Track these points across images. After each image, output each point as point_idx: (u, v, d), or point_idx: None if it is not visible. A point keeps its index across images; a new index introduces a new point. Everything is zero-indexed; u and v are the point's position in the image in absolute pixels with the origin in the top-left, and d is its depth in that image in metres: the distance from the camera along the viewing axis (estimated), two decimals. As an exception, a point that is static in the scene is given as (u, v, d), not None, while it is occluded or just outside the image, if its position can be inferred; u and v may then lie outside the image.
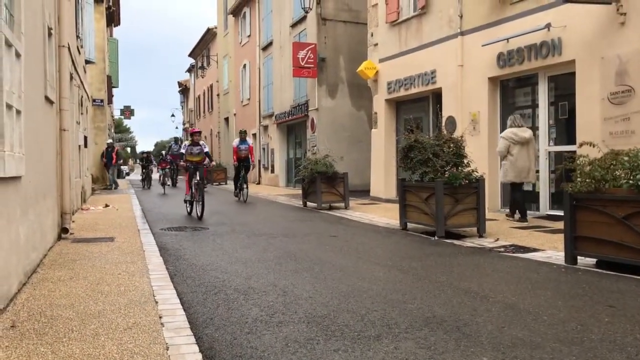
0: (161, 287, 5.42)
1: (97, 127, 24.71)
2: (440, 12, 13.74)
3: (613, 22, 9.43)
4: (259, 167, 29.09)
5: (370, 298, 5.13)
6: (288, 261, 7.05)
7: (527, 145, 10.35)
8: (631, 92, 9.13)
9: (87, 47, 16.59)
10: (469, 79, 12.83)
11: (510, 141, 10.33)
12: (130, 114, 46.79)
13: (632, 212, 6.00)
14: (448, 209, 8.93)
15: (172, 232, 9.84)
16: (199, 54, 45.99)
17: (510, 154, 10.34)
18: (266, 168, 28.25)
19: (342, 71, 21.57)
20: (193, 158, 13.09)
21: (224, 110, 37.29)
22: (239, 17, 32.69)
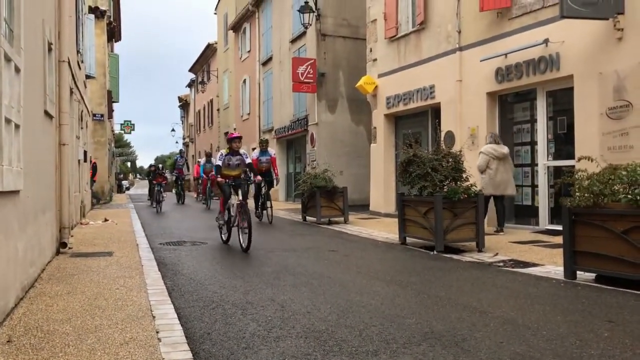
0: (159, 301, 5.40)
1: (97, 142, 24.77)
2: (439, 27, 13.82)
3: (610, 38, 9.48)
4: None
5: (368, 313, 5.11)
6: (286, 276, 7.03)
7: (504, 160, 10.90)
8: (629, 107, 9.16)
9: (87, 62, 16.66)
10: (467, 94, 12.88)
11: (490, 156, 10.92)
12: (130, 128, 46.85)
13: (631, 227, 5.99)
14: (447, 223, 8.92)
15: (170, 247, 9.82)
16: (199, 69, 46.19)
17: (490, 168, 10.93)
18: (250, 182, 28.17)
19: (342, 86, 21.65)
20: (231, 172, 10.41)
21: (224, 124, 37.38)
22: (239, 33, 32.87)
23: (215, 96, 40.15)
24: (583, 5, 9.14)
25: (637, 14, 9.03)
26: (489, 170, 10.89)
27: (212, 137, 41.27)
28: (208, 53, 42.16)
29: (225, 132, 36.66)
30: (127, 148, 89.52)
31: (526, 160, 11.95)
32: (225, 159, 10.34)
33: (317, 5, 21.09)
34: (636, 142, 9.01)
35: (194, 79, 49.27)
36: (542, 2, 10.90)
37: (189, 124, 55.49)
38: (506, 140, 12.33)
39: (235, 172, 10.41)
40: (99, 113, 24.41)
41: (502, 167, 10.88)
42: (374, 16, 16.78)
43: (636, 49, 9.05)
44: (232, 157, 10.42)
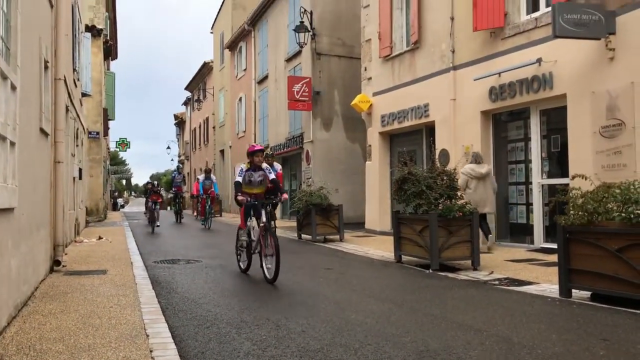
0: (153, 320, 5.37)
1: (93, 160, 24.74)
2: (433, 47, 13.93)
3: (603, 58, 9.57)
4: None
5: (363, 332, 5.10)
6: (282, 294, 7.01)
7: (484, 179, 11.13)
8: (622, 125, 9.23)
9: (83, 80, 16.71)
10: (461, 112, 12.95)
11: (468, 176, 11.20)
12: (126, 146, 46.81)
13: (625, 245, 6.00)
14: (442, 241, 8.92)
15: (165, 265, 9.78)
16: (195, 87, 46.34)
17: (469, 187, 11.17)
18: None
19: (337, 104, 21.74)
20: (253, 189, 9.01)
21: (219, 142, 37.43)
22: (235, 52, 33.05)
23: (211, 114, 40.24)
24: (575, 25, 9.24)
25: (628, 34, 9.13)
26: (468, 189, 11.15)
27: (207, 155, 41.30)
28: (204, 71, 42.33)
29: (222, 150, 36.73)
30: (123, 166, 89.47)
31: (520, 178, 12.00)
32: (246, 175, 8.98)
33: (313, 24, 21.25)
34: (630, 160, 9.06)
35: (190, 97, 49.40)
36: (534, 22, 11.01)
37: (184, 142, 55.53)
38: (500, 158, 12.41)
39: (257, 189, 9.12)
40: (95, 131, 24.41)
41: (481, 186, 11.13)
42: (369, 35, 16.90)
43: (627, 68, 9.14)
44: (253, 172, 9.06)
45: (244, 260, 9.02)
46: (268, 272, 7.93)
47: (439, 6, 13.66)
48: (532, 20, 11.12)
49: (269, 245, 7.97)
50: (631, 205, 6.09)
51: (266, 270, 8.01)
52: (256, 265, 8.44)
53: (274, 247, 7.72)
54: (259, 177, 9.06)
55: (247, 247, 8.83)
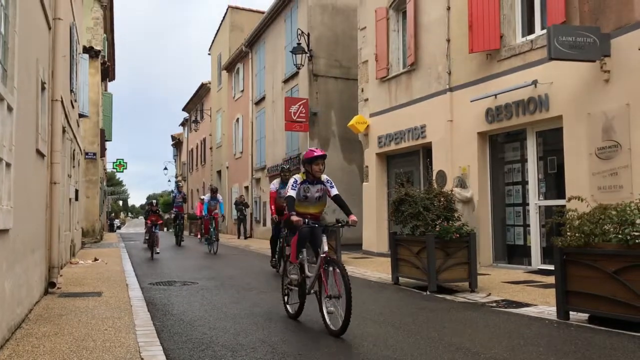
0: (148, 343, 5.32)
1: (89, 180, 24.69)
2: (429, 68, 14.01)
3: (598, 79, 9.64)
4: (251, 219, 28.98)
5: (360, 355, 5.05)
6: (278, 317, 6.95)
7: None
8: (618, 147, 9.26)
9: (81, 101, 16.75)
10: (458, 133, 12.99)
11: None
12: (122, 167, 46.83)
13: (622, 267, 5.99)
14: (439, 263, 8.89)
15: (160, 287, 9.71)
16: (192, 108, 46.48)
17: None
18: (258, 221, 28.18)
19: (334, 125, 21.81)
20: (308, 208, 7.17)
21: (216, 163, 37.45)
22: (233, 73, 33.21)
23: (208, 135, 40.32)
24: (570, 47, 9.31)
25: (623, 56, 9.20)
26: None
27: (204, 176, 41.30)
28: (202, 92, 42.50)
29: (219, 171, 36.74)
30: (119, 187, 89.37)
31: (517, 199, 12.00)
32: (302, 189, 7.05)
33: (310, 46, 21.39)
34: (626, 182, 9.07)
35: (187, 118, 49.52)
36: (530, 44, 11.09)
37: (181, 163, 55.55)
38: (497, 179, 12.43)
39: (314, 208, 7.22)
40: (92, 152, 24.41)
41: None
42: (365, 57, 17.01)
43: (622, 90, 9.19)
44: (310, 186, 7.14)
45: (294, 302, 7.01)
46: (331, 319, 6.07)
47: (435, 28, 13.78)
48: (527, 43, 11.21)
49: (334, 283, 6.10)
50: (628, 226, 6.10)
51: (328, 316, 6.14)
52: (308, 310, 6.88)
53: (343, 286, 5.85)
54: (318, 193, 7.18)
55: (300, 285, 6.85)
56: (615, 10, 9.40)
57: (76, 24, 14.31)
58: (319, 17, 22.05)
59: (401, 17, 15.80)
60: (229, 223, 32.70)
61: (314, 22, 21.91)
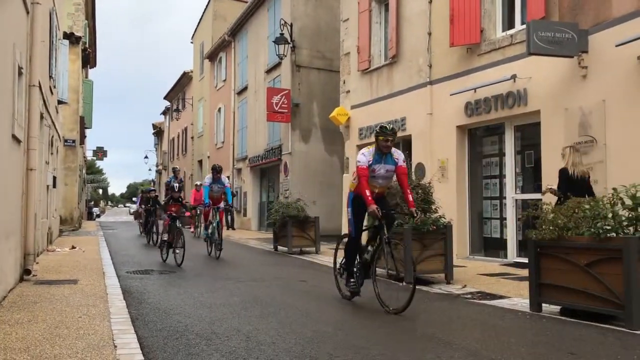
0: (121, 331, 5.31)
1: (68, 168, 24.45)
2: (410, 61, 14.06)
3: (576, 75, 9.74)
4: (231, 210, 28.91)
5: (334, 344, 5.09)
6: (254, 306, 6.97)
7: None
8: (594, 142, 9.38)
9: (60, 88, 16.54)
10: (437, 126, 13.07)
11: None
12: (102, 155, 46.47)
13: (594, 260, 6.08)
14: (416, 254, 8.95)
15: (137, 275, 9.68)
16: (174, 97, 46.18)
17: None
18: (239, 211, 28.14)
19: (316, 117, 21.81)
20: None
21: (197, 152, 37.28)
22: (215, 62, 33.03)
23: (189, 124, 40.10)
24: (549, 43, 9.39)
25: (600, 53, 9.31)
26: None
27: (185, 165, 41.09)
28: (183, 81, 42.23)
29: (200, 160, 36.53)
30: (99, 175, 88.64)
31: (495, 193, 12.11)
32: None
33: (293, 37, 21.35)
34: (601, 176, 9.20)
35: (169, 107, 49.21)
36: (510, 39, 11.17)
37: (162, 152, 55.22)
38: (475, 173, 12.53)
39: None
40: (71, 139, 24.16)
41: None
42: (348, 49, 17.02)
43: (599, 86, 9.31)
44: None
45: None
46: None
47: (416, 21, 13.82)
48: (507, 37, 11.29)
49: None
50: (600, 220, 6.19)
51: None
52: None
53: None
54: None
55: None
56: (594, 7, 9.51)
57: (56, 9, 14.12)
58: (302, 8, 22.00)
59: (384, 9, 15.82)
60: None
61: (297, 12, 21.85)
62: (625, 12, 8.95)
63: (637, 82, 8.68)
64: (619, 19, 9.03)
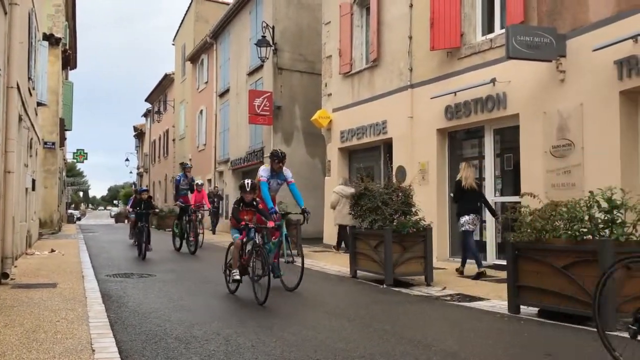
0: (100, 334, 5.28)
1: (47, 170, 24.22)
2: (392, 65, 14.13)
3: (554, 79, 9.86)
4: (213, 213, 28.84)
5: (313, 347, 5.11)
6: (235, 309, 6.98)
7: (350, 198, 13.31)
8: (571, 146, 9.49)
9: (39, 89, 16.39)
10: (418, 130, 13.14)
11: (340, 195, 14.34)
12: (83, 157, 46.01)
13: (571, 262, 6.16)
14: (396, 257, 9.01)
15: (117, 279, 9.62)
16: (155, 99, 45.92)
17: (339, 204, 14.27)
18: (220, 214, 28.02)
19: (298, 119, 21.82)
20: None
21: (179, 155, 37.08)
22: (197, 64, 32.92)
23: (171, 126, 39.89)
24: (528, 47, 9.49)
25: (577, 57, 9.42)
26: (339, 206, 14.36)
27: (167, 168, 40.88)
28: (165, 83, 42.02)
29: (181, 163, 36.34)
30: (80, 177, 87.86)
31: (475, 195, 12.18)
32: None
33: (275, 39, 21.35)
34: (578, 180, 9.32)
35: (150, 109, 48.91)
36: (490, 43, 11.28)
37: (143, 154, 54.86)
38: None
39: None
40: (51, 141, 23.93)
41: (348, 204, 13.11)
42: (329, 52, 17.06)
43: (577, 90, 9.43)
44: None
45: None
46: None
47: (397, 25, 13.89)
48: (487, 41, 11.39)
49: None
50: (577, 223, 6.28)
51: None
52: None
53: None
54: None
55: None
56: (571, 11, 9.63)
57: (35, 10, 14.00)
58: (284, 11, 22.01)
59: (365, 12, 15.88)
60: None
61: (279, 15, 21.86)
62: (602, 17, 9.08)
63: (614, 86, 8.81)
64: (596, 24, 9.15)
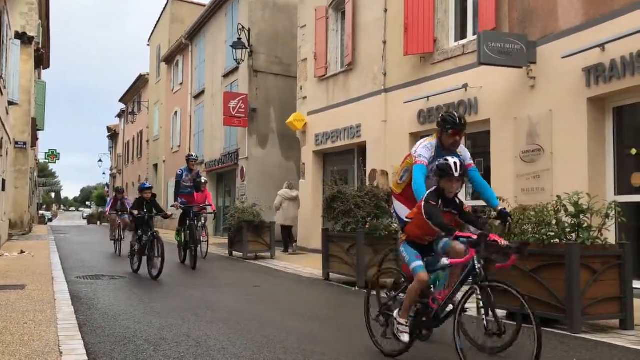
0: (68, 337, 5.24)
1: (18, 171, 23.89)
2: (366, 69, 14.22)
3: (524, 85, 10.02)
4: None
5: (284, 349, 5.13)
6: (205, 312, 6.96)
7: (293, 201, 15.85)
8: (541, 151, 9.65)
9: (11, 88, 16.18)
10: (392, 133, 13.24)
11: (283, 197, 15.74)
12: (55, 157, 45.48)
13: (538, 266, 6.28)
14: (368, 259, 9.07)
15: (87, 281, 9.53)
16: (129, 100, 45.51)
17: (282, 206, 15.67)
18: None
19: (273, 122, 21.81)
20: None
21: (153, 156, 36.80)
22: (172, 65, 32.72)
23: (145, 127, 39.57)
24: (499, 53, 9.63)
25: (547, 64, 9.59)
26: (282, 207, 15.69)
27: (140, 169, 40.54)
28: (139, 84, 41.68)
29: (155, 164, 36.11)
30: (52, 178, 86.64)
31: (447, 199, 12.30)
32: None
33: (250, 42, 21.33)
34: (547, 184, 9.47)
35: (124, 110, 48.47)
36: (462, 49, 11.42)
37: (117, 155, 54.33)
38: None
39: None
40: (22, 141, 23.61)
41: (291, 206, 15.73)
42: (305, 55, 17.11)
43: (547, 96, 9.59)
44: None
45: None
46: None
47: (372, 30, 13.99)
48: (459, 47, 11.53)
49: None
50: (544, 227, 6.40)
51: None
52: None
53: None
54: None
55: None
56: (542, 19, 9.80)
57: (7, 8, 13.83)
58: (260, 13, 22.01)
59: (340, 17, 15.96)
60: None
61: (255, 17, 21.85)
62: (571, 25, 9.26)
63: (582, 93, 8.98)
64: (565, 31, 9.33)
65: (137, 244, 10.84)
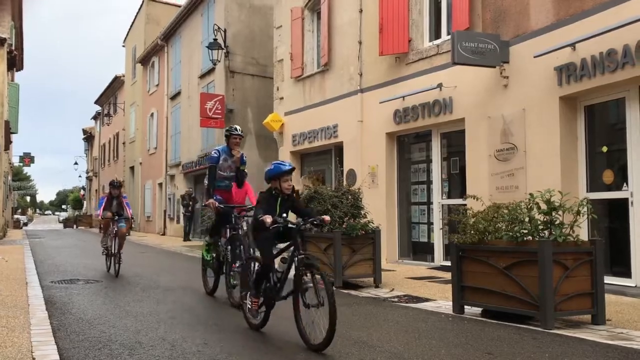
0: (42, 342, 5.18)
1: (-9, 174, 23.52)
2: (342, 69, 14.26)
3: (498, 85, 10.13)
4: (164, 217, 28.49)
5: (260, 351, 5.13)
6: (182, 315, 6.92)
7: None
8: (514, 149, 9.77)
9: (-19, 91, 15.94)
10: (368, 133, 13.30)
11: None
12: (30, 161, 44.92)
13: (511, 263, 6.35)
14: (346, 259, 9.09)
15: (62, 285, 9.42)
16: (105, 102, 45.08)
17: None
18: (172, 218, 27.72)
19: (250, 122, 21.76)
20: None
21: (129, 159, 36.51)
22: (148, 66, 32.48)
23: (121, 129, 39.23)
24: (473, 53, 9.73)
25: (520, 63, 9.71)
26: None
27: (117, 171, 40.13)
28: (115, 85, 41.31)
29: (132, 167, 35.80)
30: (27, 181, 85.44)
31: (422, 198, 12.42)
32: None
33: (226, 42, 21.26)
34: (521, 182, 9.59)
35: (100, 112, 48.00)
36: (436, 49, 11.50)
37: (93, 158, 53.76)
38: (404, 179, 12.83)
39: None
40: (-6, 144, 23.24)
41: None
42: (281, 56, 17.10)
43: (519, 95, 9.71)
44: None
45: None
46: None
47: (347, 30, 14.03)
48: (434, 47, 11.62)
49: None
50: (518, 224, 6.47)
51: None
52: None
53: None
54: None
55: None
56: (514, 19, 9.92)
57: (-23, 10, 13.61)
58: (236, 14, 21.95)
59: (316, 17, 15.98)
60: (142, 221, 32.04)
61: (231, 18, 21.78)
62: (542, 25, 9.38)
63: (554, 92, 9.11)
64: (537, 31, 9.45)
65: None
